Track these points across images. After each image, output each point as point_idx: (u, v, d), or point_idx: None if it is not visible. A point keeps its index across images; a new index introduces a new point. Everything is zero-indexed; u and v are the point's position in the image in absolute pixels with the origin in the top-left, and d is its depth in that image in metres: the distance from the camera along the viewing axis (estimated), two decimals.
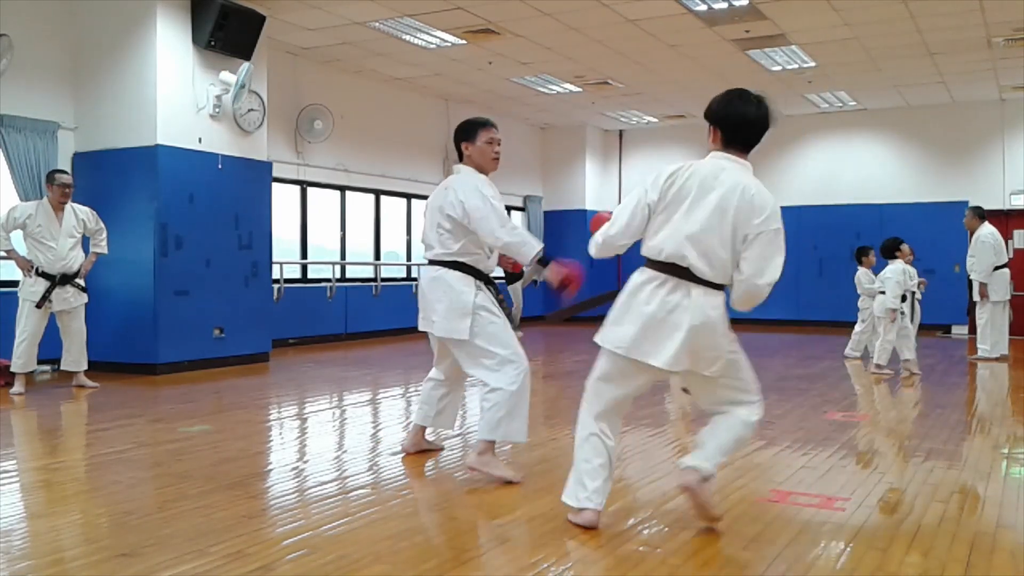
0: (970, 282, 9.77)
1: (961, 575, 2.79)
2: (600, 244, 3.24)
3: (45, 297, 6.67)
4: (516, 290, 12.42)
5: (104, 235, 7.05)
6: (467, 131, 4.18)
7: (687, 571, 2.79)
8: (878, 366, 7.98)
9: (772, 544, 3.06)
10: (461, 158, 4.20)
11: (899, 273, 7.99)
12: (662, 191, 3.07)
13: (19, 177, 7.57)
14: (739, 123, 3.09)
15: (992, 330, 9.30)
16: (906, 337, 8.08)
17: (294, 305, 10.59)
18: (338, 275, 11.47)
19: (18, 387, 6.63)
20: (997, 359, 9.21)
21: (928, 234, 12.64)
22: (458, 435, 5.29)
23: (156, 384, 7.34)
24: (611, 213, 3.30)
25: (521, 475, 4.02)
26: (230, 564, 2.82)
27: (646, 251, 3.11)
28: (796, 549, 3.01)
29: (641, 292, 3.07)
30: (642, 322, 3.03)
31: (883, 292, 8.10)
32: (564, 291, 3.90)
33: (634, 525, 3.33)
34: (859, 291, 9.31)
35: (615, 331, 3.11)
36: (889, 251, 8.23)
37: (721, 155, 3.12)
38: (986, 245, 9.29)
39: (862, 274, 9.27)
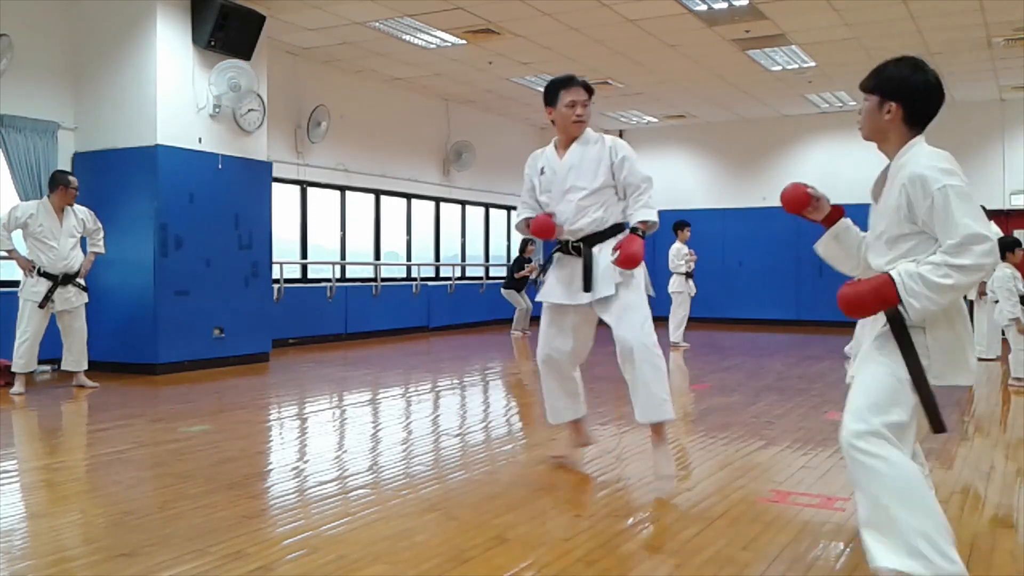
0: None
1: None
2: None
3: (48, 297, 6.67)
4: (513, 294, 12.49)
5: (102, 235, 7.05)
6: (547, 95, 3.85)
7: (687, 571, 2.79)
8: (1017, 379, 7.34)
9: (772, 544, 3.06)
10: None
11: (1008, 279, 7.28)
12: None
13: (19, 177, 7.57)
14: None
15: (989, 330, 9.30)
16: None
17: (294, 305, 10.59)
18: (338, 275, 11.48)
19: (18, 387, 6.63)
20: (993, 359, 9.21)
21: None
22: (457, 435, 5.30)
23: (156, 384, 7.34)
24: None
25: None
26: (230, 564, 2.82)
27: None
28: (796, 549, 3.01)
29: None
30: None
31: (996, 301, 7.50)
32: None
33: (634, 525, 3.33)
34: None
35: None
36: (1000, 252, 7.28)
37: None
38: None
39: None
